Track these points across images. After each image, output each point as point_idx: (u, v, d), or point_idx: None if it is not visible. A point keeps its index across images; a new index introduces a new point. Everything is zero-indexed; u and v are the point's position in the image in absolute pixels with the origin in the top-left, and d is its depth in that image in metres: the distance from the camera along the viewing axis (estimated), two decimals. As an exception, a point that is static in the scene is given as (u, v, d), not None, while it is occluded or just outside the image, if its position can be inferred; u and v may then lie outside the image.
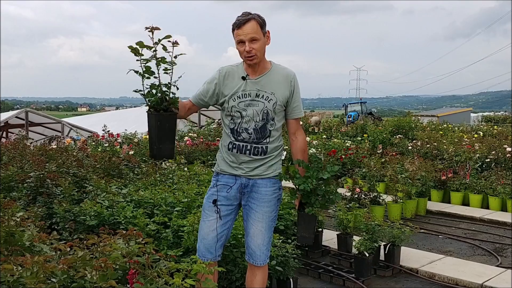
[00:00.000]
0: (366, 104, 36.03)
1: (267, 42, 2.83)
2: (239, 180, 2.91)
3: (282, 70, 2.93)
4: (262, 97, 2.85)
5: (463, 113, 39.27)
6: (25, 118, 17.89)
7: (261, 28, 2.77)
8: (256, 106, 2.85)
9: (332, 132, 19.06)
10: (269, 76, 2.88)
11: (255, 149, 2.87)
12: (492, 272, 4.63)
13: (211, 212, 2.91)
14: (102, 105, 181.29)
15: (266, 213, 2.91)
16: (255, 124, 2.85)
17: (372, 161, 8.84)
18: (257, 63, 2.82)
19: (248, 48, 2.74)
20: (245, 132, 2.86)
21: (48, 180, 4.86)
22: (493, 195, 7.57)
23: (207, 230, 2.92)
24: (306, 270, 4.69)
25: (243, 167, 2.89)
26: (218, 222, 2.89)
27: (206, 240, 2.92)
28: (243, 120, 2.86)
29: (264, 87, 2.86)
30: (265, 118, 2.86)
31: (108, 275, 2.19)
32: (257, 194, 2.90)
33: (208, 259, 2.89)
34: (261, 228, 2.91)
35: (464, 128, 20.12)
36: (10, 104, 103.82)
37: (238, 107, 2.86)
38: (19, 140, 8.90)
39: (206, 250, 2.92)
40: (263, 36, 2.79)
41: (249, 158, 2.87)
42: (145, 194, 4.80)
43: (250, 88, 2.86)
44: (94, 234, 2.65)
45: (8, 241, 2.55)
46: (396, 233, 4.71)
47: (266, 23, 2.81)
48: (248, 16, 2.76)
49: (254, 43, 2.75)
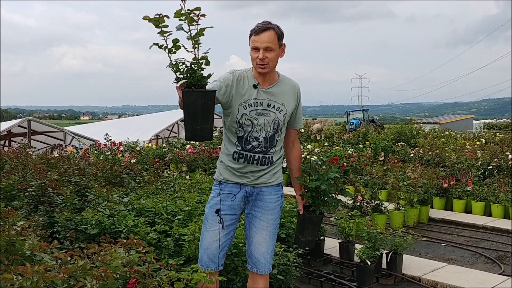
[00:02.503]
0: (368, 111, 36.05)
1: (281, 55, 2.85)
2: (244, 189, 2.89)
3: (289, 81, 2.97)
4: (273, 107, 2.86)
5: (465, 120, 39.24)
6: (28, 126, 17.95)
7: (278, 39, 2.78)
8: (268, 116, 2.85)
9: (334, 140, 19.04)
10: (279, 87, 2.90)
11: (263, 159, 2.87)
12: (495, 280, 4.61)
13: (214, 222, 2.88)
14: (105, 114, 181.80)
15: (271, 221, 2.91)
16: (266, 134, 2.86)
17: (374, 168, 8.82)
18: (267, 73, 2.83)
19: (261, 56, 2.75)
20: (256, 141, 2.85)
21: (50, 189, 4.87)
22: (495, 202, 7.54)
23: (210, 240, 2.89)
24: (308, 278, 4.67)
25: (249, 176, 2.88)
26: (221, 232, 2.87)
27: (209, 250, 2.89)
28: (254, 129, 2.85)
29: (275, 97, 2.87)
30: (275, 128, 2.88)
31: (108, 285, 2.19)
32: (262, 202, 2.90)
33: (211, 269, 2.86)
34: (265, 236, 2.90)
35: (466, 135, 20.11)
36: (13, 113, 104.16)
37: (250, 116, 2.83)
38: (21, 149, 8.93)
39: (209, 260, 2.90)
40: (278, 48, 2.80)
41: (256, 168, 2.88)
42: (147, 202, 4.80)
43: (262, 97, 2.85)
44: (95, 243, 2.64)
45: (8, 250, 2.55)
46: (398, 241, 4.69)
47: (284, 36, 2.83)
48: (268, 25, 2.77)
49: (269, 52, 2.75)
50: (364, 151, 12.57)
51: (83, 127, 26.34)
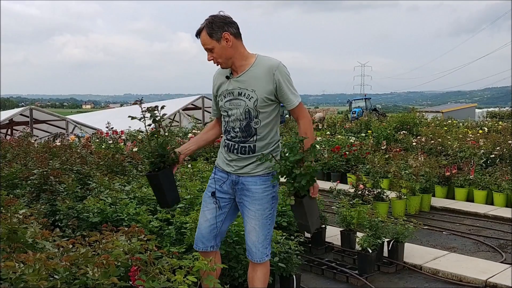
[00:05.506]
0: (371, 100, 35.94)
1: (227, 44, 2.76)
2: (230, 177, 2.95)
3: (266, 63, 2.82)
4: (244, 95, 2.82)
5: (467, 109, 39.13)
6: (30, 115, 17.96)
7: (210, 36, 2.74)
8: (239, 105, 2.84)
9: (336, 129, 19.03)
10: (250, 73, 2.82)
11: (242, 148, 2.87)
12: (496, 268, 4.61)
13: (206, 203, 3.00)
14: (107, 102, 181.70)
15: (259, 211, 2.88)
16: (240, 123, 2.85)
17: (376, 157, 8.81)
18: (229, 65, 2.84)
19: (208, 58, 2.81)
20: (232, 131, 2.89)
21: (52, 177, 4.87)
22: (497, 191, 7.54)
23: (201, 220, 3.02)
24: (309, 266, 4.69)
25: (233, 165, 2.92)
26: (213, 213, 2.96)
27: (199, 230, 3.02)
28: (230, 119, 2.89)
29: (245, 84, 2.82)
30: (248, 117, 2.83)
31: (110, 272, 2.20)
32: (248, 192, 2.89)
33: (199, 248, 2.98)
34: (254, 225, 2.91)
35: (468, 124, 20.05)
36: (15, 102, 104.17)
37: (225, 107, 2.90)
38: (23, 138, 8.94)
39: (198, 239, 3.02)
40: (218, 42, 2.75)
41: (237, 156, 2.89)
42: (148, 191, 4.81)
43: (233, 86, 2.86)
44: (97, 231, 2.65)
45: (10, 238, 2.56)
46: (399, 230, 4.70)
47: (221, 25, 2.74)
48: (200, 26, 2.79)
49: (212, 52, 2.78)
50: (366, 139, 12.56)
51: (85, 116, 26.32)
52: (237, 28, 2.82)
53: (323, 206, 5.35)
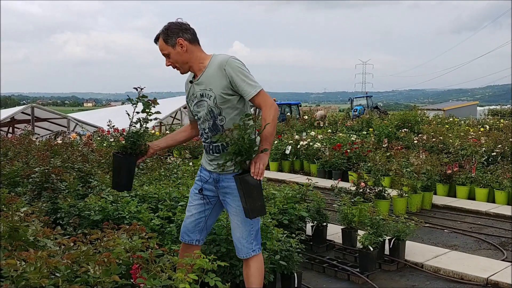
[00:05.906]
0: (372, 98, 35.89)
1: (182, 50, 2.86)
2: (212, 175, 3.00)
3: (217, 60, 2.87)
4: (205, 96, 2.89)
5: (469, 106, 39.04)
6: (31, 113, 17.98)
7: (166, 42, 2.87)
8: (203, 106, 2.91)
9: (337, 126, 19.01)
10: (206, 73, 2.90)
11: (216, 148, 2.93)
12: (497, 266, 4.61)
13: (192, 199, 3.09)
14: (108, 100, 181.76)
15: (239, 207, 2.88)
16: (208, 123, 2.92)
17: (378, 155, 8.80)
18: (187, 70, 2.94)
19: (166, 64, 2.94)
20: (204, 133, 2.98)
21: (53, 175, 4.88)
22: (499, 189, 7.53)
23: (187, 214, 3.11)
24: (310, 264, 4.69)
25: (212, 164, 2.99)
26: (197, 209, 3.05)
27: (184, 223, 3.12)
28: (200, 122, 2.98)
29: (204, 85, 2.89)
30: (212, 116, 2.89)
31: (111, 270, 2.20)
32: (228, 189, 2.94)
33: (185, 240, 3.09)
34: (237, 221, 2.96)
35: (470, 121, 20.03)
36: (16, 100, 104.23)
37: (194, 111, 3.00)
38: (24, 136, 8.95)
39: (183, 232, 3.11)
40: (172, 48, 2.86)
41: (213, 156, 2.97)
42: (150, 189, 4.81)
43: (196, 90, 2.95)
44: (98, 229, 2.65)
45: (12, 236, 2.56)
46: (401, 228, 4.70)
47: (176, 31, 2.85)
48: (157, 34, 2.91)
49: (168, 57, 2.90)
50: (368, 137, 12.54)
51: (86, 114, 26.35)
52: (193, 34, 2.92)
53: (324, 204, 5.35)
